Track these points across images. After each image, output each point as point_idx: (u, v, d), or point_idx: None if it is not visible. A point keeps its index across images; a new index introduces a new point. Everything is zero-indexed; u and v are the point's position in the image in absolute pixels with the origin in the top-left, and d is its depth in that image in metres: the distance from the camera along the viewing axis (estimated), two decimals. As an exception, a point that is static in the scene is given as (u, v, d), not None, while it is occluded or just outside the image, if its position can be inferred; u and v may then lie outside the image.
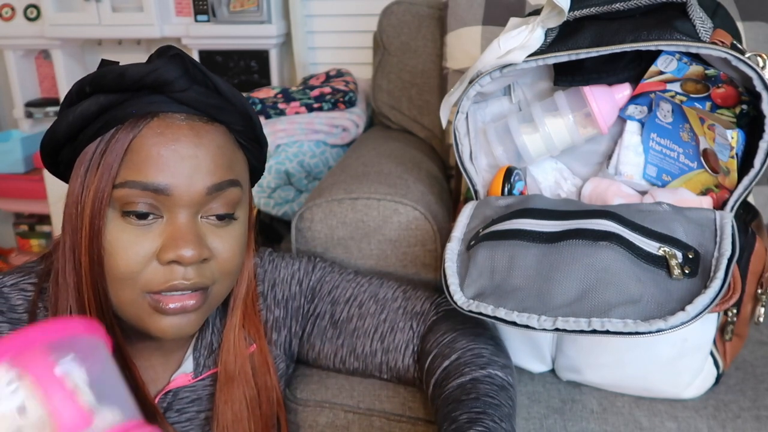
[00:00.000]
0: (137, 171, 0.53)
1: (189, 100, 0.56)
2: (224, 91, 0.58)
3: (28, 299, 0.60)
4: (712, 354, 0.74)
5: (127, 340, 0.62)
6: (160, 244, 0.54)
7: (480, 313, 0.63)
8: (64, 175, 0.60)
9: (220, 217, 0.58)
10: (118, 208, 0.54)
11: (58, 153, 0.59)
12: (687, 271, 0.60)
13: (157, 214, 0.55)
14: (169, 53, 0.55)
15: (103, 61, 0.58)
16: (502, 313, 0.61)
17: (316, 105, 1.38)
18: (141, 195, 0.53)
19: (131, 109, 0.54)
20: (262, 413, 0.67)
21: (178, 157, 0.54)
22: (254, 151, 0.63)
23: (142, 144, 0.54)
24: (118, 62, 0.57)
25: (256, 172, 0.67)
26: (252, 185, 0.68)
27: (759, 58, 0.67)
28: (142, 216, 0.54)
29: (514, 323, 0.61)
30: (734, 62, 0.66)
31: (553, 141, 0.80)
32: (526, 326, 0.60)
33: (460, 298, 0.65)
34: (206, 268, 0.57)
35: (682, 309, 0.56)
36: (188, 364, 0.66)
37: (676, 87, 0.74)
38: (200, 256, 0.55)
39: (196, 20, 1.82)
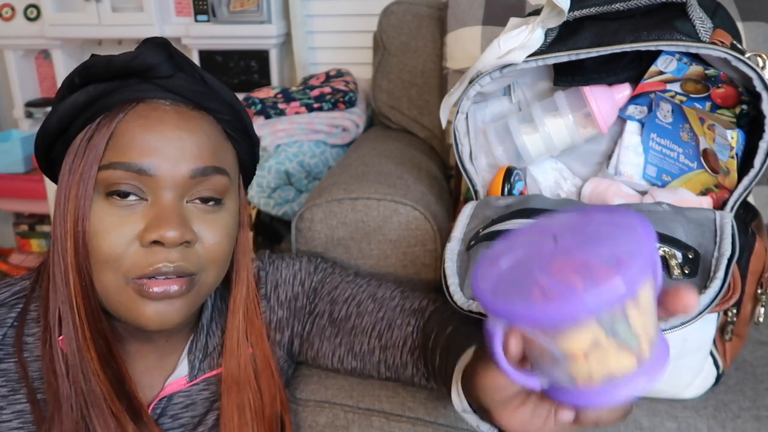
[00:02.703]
0: (121, 153, 0.54)
1: (175, 87, 0.56)
2: (209, 80, 0.59)
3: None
4: (711, 354, 0.74)
5: (121, 344, 0.62)
6: (144, 226, 0.54)
7: (480, 313, 0.63)
8: (57, 173, 0.60)
9: (205, 201, 0.57)
10: (102, 191, 0.54)
11: (51, 150, 0.59)
12: (687, 271, 0.60)
13: (141, 197, 0.55)
14: (153, 41, 0.57)
15: (92, 55, 0.58)
16: None
17: (316, 105, 1.38)
18: (125, 176, 0.53)
19: (118, 98, 0.55)
20: (265, 417, 0.66)
21: (163, 139, 0.54)
22: (243, 144, 0.63)
23: (127, 127, 0.54)
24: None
25: (247, 168, 0.66)
26: (246, 184, 0.67)
27: (759, 58, 0.67)
28: (126, 197, 0.54)
29: None
30: (734, 62, 0.66)
31: (553, 141, 0.80)
32: (526, 326, 0.60)
33: (459, 298, 0.65)
34: (191, 253, 0.56)
35: (682, 309, 0.56)
36: (183, 368, 0.66)
37: (676, 87, 0.74)
38: (183, 237, 0.54)
39: (196, 20, 1.82)
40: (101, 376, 0.56)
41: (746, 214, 0.73)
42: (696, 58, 0.73)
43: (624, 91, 0.77)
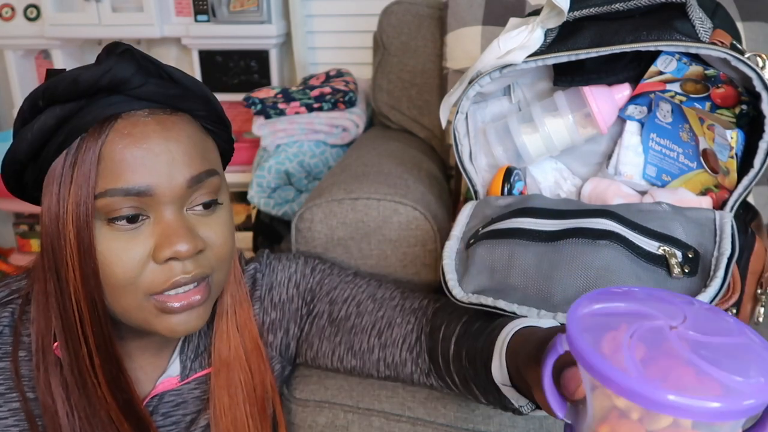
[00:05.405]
0: (116, 178, 0.52)
1: (148, 94, 0.54)
2: (180, 79, 0.56)
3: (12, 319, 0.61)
4: (711, 354, 0.74)
5: (120, 341, 0.62)
6: (153, 244, 0.54)
7: (480, 304, 0.63)
8: (32, 196, 0.59)
9: (206, 206, 0.57)
10: (103, 218, 0.53)
11: (22, 175, 0.57)
12: (687, 271, 0.60)
13: (143, 216, 0.54)
14: (117, 50, 0.53)
15: (48, 71, 0.55)
16: (502, 304, 0.61)
17: (316, 105, 1.38)
18: (124, 201, 0.52)
19: (91, 116, 0.52)
20: (257, 396, 0.67)
21: (152, 155, 0.53)
22: (221, 133, 0.62)
23: (113, 149, 0.52)
24: (64, 69, 0.55)
25: (225, 153, 0.65)
26: (224, 166, 0.66)
27: (758, 58, 0.67)
28: (130, 220, 0.53)
29: (513, 314, 0.61)
30: (734, 62, 0.66)
31: (553, 141, 0.80)
32: (526, 323, 0.60)
33: (459, 292, 0.65)
34: (203, 258, 0.57)
35: (682, 308, 0.56)
36: (174, 367, 0.66)
37: (675, 87, 0.74)
38: (195, 248, 0.54)
39: (196, 20, 1.82)
40: (101, 378, 0.57)
41: (746, 214, 0.73)
42: (696, 58, 0.73)
43: (624, 91, 0.77)
